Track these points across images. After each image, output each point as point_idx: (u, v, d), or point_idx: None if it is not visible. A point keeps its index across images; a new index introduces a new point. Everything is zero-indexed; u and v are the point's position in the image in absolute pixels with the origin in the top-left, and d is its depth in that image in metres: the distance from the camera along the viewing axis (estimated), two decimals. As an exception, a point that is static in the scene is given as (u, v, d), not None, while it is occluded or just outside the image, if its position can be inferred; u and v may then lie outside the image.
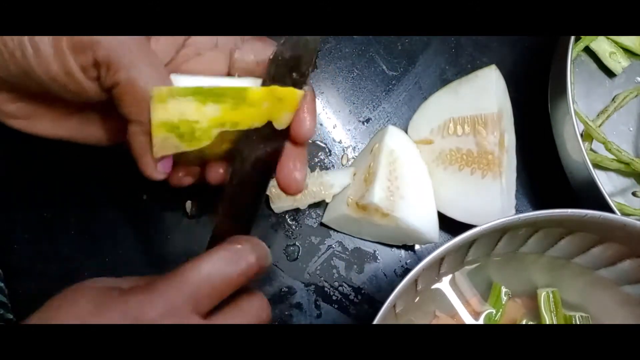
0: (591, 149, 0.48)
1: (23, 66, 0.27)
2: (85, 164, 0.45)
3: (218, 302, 0.28)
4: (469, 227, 0.33)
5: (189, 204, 0.46)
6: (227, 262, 0.28)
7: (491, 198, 0.44)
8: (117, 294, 0.27)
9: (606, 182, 0.49)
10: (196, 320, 0.27)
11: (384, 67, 0.51)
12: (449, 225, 0.45)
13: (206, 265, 0.28)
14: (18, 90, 0.30)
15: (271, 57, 0.32)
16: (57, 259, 0.44)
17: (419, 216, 0.43)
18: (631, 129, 0.51)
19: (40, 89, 0.29)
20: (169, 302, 0.26)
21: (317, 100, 0.50)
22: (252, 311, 0.30)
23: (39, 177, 0.45)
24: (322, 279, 0.46)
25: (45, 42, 0.27)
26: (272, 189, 0.45)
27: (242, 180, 0.32)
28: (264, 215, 0.46)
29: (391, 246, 0.47)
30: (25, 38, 0.27)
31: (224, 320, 0.28)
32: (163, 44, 0.31)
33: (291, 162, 0.33)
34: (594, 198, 0.41)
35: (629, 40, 0.52)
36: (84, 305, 0.26)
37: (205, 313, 0.28)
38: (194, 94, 0.29)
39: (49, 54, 0.27)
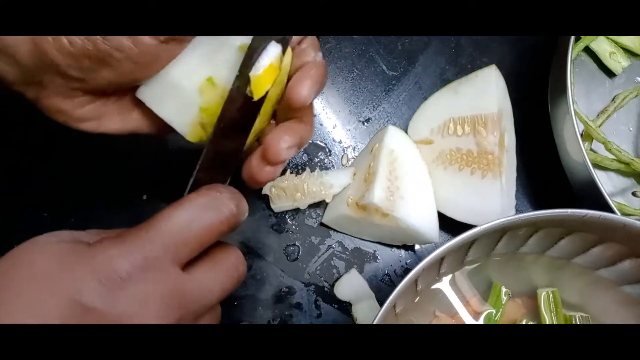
0: (591, 149, 0.48)
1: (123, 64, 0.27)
2: (86, 164, 0.46)
3: (198, 253, 0.26)
4: (469, 227, 0.33)
5: (189, 204, 0.46)
6: (206, 209, 0.26)
7: (491, 198, 0.44)
8: (84, 247, 0.24)
9: (606, 182, 0.49)
10: (176, 271, 0.25)
11: (384, 67, 0.51)
12: (449, 225, 0.45)
13: (184, 212, 0.26)
14: (93, 92, 0.29)
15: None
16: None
17: (419, 216, 0.43)
18: (631, 129, 0.51)
19: (108, 79, 0.28)
20: (145, 253, 0.24)
21: (317, 100, 0.50)
22: (228, 263, 0.28)
23: (39, 177, 0.45)
24: (322, 279, 0.46)
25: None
26: (272, 189, 0.45)
27: (225, 129, 0.31)
28: (264, 215, 0.46)
29: (391, 246, 0.47)
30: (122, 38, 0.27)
31: (201, 273, 0.26)
32: None
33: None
34: (594, 198, 0.41)
35: (629, 40, 0.52)
36: (44, 265, 0.23)
37: (185, 263, 0.26)
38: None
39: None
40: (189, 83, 0.31)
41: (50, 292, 0.23)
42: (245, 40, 0.30)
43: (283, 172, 0.47)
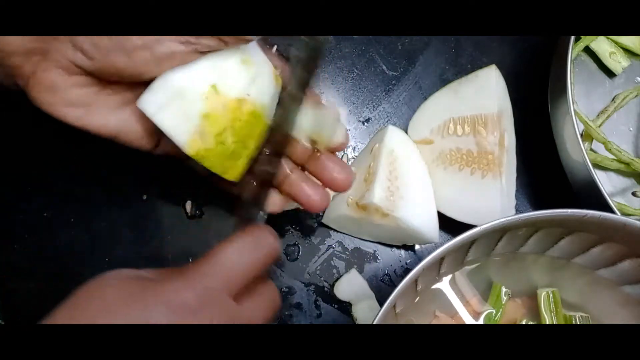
0: (591, 149, 0.48)
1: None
2: (86, 164, 0.45)
3: (246, 285, 0.29)
4: (469, 227, 0.33)
5: (189, 204, 0.46)
6: (253, 246, 0.29)
7: (491, 198, 0.44)
8: (149, 282, 0.26)
9: (606, 182, 0.49)
10: (230, 301, 0.27)
11: (384, 67, 0.51)
12: (449, 225, 0.45)
13: (236, 249, 0.28)
14: (94, 75, 0.30)
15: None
16: (57, 259, 0.44)
17: (419, 216, 0.43)
18: (631, 129, 0.51)
19: (119, 63, 0.29)
20: (206, 286, 0.26)
21: (317, 100, 0.50)
22: (269, 296, 0.31)
23: (39, 177, 0.45)
24: (322, 279, 0.46)
25: None
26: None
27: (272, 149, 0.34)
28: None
29: (391, 246, 0.47)
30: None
31: (248, 304, 0.29)
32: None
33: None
34: (594, 198, 0.41)
35: (629, 40, 0.52)
36: (115, 297, 0.25)
37: (236, 294, 0.28)
38: None
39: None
40: (194, 88, 0.31)
41: (123, 321, 0.24)
42: (247, 55, 0.32)
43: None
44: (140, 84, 0.31)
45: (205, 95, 0.31)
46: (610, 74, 0.52)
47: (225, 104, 0.32)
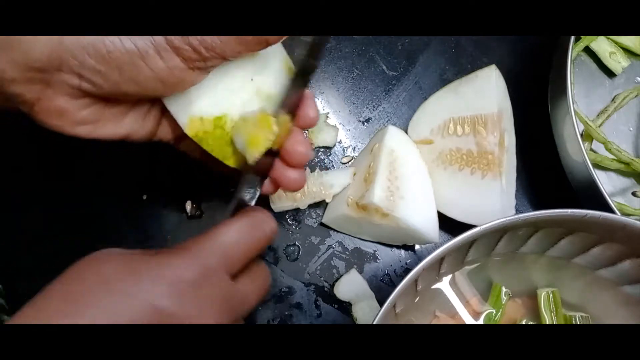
0: (591, 149, 0.48)
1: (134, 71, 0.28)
2: (86, 164, 0.46)
3: (244, 265, 0.29)
4: (469, 227, 0.33)
5: (189, 204, 0.46)
6: (252, 227, 0.30)
7: (491, 198, 0.44)
8: (145, 257, 0.26)
9: (606, 182, 0.49)
10: (228, 280, 0.28)
11: (384, 67, 0.51)
12: (449, 225, 0.45)
13: (235, 230, 0.29)
14: (101, 97, 0.30)
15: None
16: (57, 259, 0.44)
17: (419, 216, 0.43)
18: (631, 129, 0.51)
19: (129, 90, 0.29)
20: (205, 263, 0.27)
21: (317, 100, 0.50)
22: (263, 276, 0.32)
23: (39, 177, 0.45)
24: (322, 279, 0.46)
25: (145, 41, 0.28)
26: (272, 189, 0.45)
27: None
28: (264, 215, 0.46)
29: (391, 246, 0.47)
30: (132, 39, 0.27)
31: (244, 283, 0.30)
32: None
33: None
34: (594, 198, 0.41)
35: (629, 40, 0.52)
36: (113, 271, 0.25)
37: (234, 275, 0.29)
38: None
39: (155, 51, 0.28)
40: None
41: (122, 294, 0.25)
42: (267, 88, 0.33)
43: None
44: None
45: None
46: (610, 74, 0.52)
47: (230, 89, 0.32)
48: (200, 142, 0.33)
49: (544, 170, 0.49)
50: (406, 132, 0.47)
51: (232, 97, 0.33)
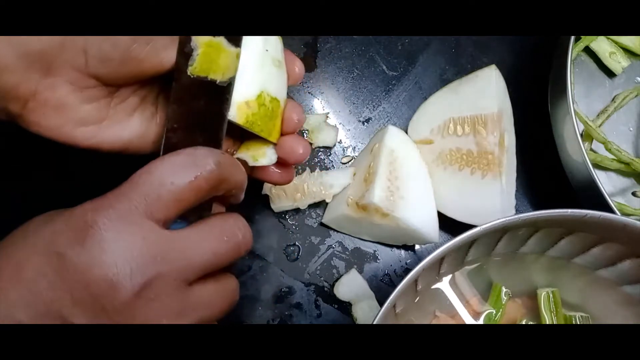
0: (591, 149, 0.48)
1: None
2: (86, 164, 0.45)
3: (178, 211, 0.25)
4: (469, 227, 0.33)
5: (189, 204, 0.46)
6: (181, 166, 0.26)
7: (491, 198, 0.44)
8: (69, 209, 0.25)
9: (606, 182, 0.49)
10: (150, 225, 0.24)
11: (384, 67, 0.51)
12: (449, 225, 0.45)
13: (158, 168, 0.25)
14: (107, 82, 0.27)
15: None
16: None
17: (419, 216, 0.43)
18: (631, 129, 0.51)
19: (141, 55, 0.26)
20: (117, 207, 0.24)
21: (317, 100, 0.50)
22: (222, 227, 0.27)
23: (39, 177, 0.45)
24: (322, 279, 0.46)
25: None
26: (272, 189, 0.45)
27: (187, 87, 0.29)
28: (264, 215, 0.46)
29: (391, 246, 0.47)
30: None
31: (187, 233, 0.26)
32: None
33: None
34: (594, 198, 0.41)
35: (629, 40, 0.52)
36: (34, 225, 0.25)
37: (163, 221, 0.25)
38: None
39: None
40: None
41: (33, 244, 0.24)
42: (276, 54, 0.32)
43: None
44: (144, 85, 0.30)
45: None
46: (610, 74, 0.52)
47: (255, 64, 0.32)
48: (251, 126, 0.32)
49: (544, 170, 0.49)
50: (406, 132, 0.47)
51: (260, 72, 0.32)
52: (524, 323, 0.40)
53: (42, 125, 0.27)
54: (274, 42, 0.33)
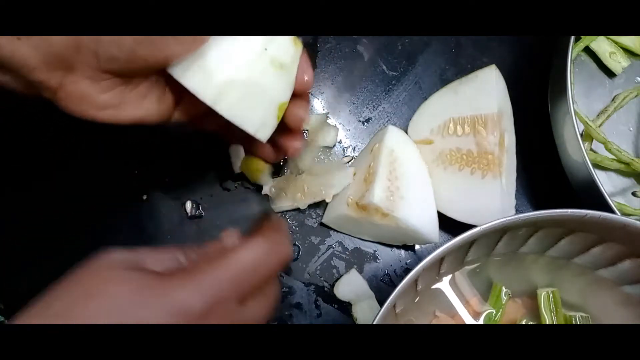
0: (591, 149, 0.48)
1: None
2: (86, 164, 0.45)
3: (255, 289, 0.29)
4: (469, 227, 0.33)
5: (189, 204, 0.46)
6: (268, 252, 0.29)
7: (491, 198, 0.44)
8: (155, 281, 0.26)
9: (606, 182, 0.49)
10: (237, 307, 0.27)
11: (384, 67, 0.51)
12: (449, 225, 0.45)
13: (251, 255, 0.28)
14: (121, 74, 0.30)
15: None
16: (57, 259, 0.44)
17: (419, 216, 0.43)
18: (631, 129, 0.51)
19: (145, 54, 0.29)
20: (215, 293, 0.26)
21: (317, 100, 0.50)
22: (273, 295, 0.31)
23: (39, 177, 0.45)
24: (322, 279, 0.46)
25: None
26: (272, 189, 0.45)
27: None
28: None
29: (391, 246, 0.47)
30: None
31: (254, 305, 0.29)
32: None
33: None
34: (594, 198, 0.41)
35: (629, 40, 0.52)
36: (118, 297, 0.25)
37: (242, 299, 0.28)
38: None
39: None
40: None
41: (124, 322, 0.24)
42: (280, 57, 0.33)
43: (283, 172, 0.47)
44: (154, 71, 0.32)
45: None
46: (610, 74, 0.52)
47: (246, 60, 0.32)
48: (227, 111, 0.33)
49: (544, 170, 0.49)
50: (406, 132, 0.47)
51: (248, 66, 0.32)
52: (524, 323, 0.40)
53: (71, 109, 0.30)
54: (281, 44, 0.33)
